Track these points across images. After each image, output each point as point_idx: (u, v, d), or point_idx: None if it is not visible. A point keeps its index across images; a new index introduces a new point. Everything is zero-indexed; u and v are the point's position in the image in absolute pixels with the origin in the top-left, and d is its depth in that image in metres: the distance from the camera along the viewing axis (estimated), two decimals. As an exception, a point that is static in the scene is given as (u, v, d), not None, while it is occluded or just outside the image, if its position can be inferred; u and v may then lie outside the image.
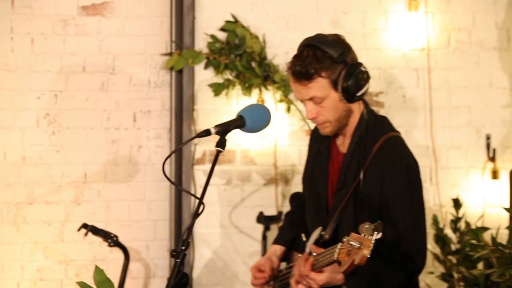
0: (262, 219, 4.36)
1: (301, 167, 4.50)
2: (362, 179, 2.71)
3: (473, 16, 4.58)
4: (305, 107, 2.76)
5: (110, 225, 4.40)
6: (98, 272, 2.07)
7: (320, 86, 2.68)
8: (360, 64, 2.72)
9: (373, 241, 2.28)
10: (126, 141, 4.46)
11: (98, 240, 4.13)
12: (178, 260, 2.30)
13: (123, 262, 4.02)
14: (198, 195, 2.36)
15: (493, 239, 2.71)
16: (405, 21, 4.52)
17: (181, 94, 4.43)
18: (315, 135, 2.97)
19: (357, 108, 2.78)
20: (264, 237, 4.32)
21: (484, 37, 4.59)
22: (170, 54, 4.42)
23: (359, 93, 2.70)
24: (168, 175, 2.62)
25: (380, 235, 2.29)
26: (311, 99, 2.71)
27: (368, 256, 2.29)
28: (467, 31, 4.58)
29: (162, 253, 4.51)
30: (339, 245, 2.43)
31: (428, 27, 4.53)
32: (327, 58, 2.67)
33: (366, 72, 2.72)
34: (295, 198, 3.20)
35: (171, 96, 4.45)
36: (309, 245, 2.77)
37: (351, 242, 2.34)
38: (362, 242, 2.30)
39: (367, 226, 2.31)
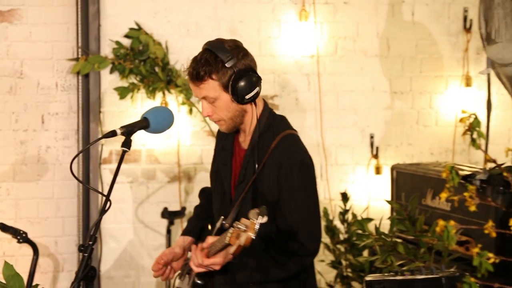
0: (167, 214, 4.34)
1: (202, 165, 4.51)
2: (259, 173, 2.75)
3: (357, 26, 4.70)
4: (202, 105, 2.80)
5: (19, 222, 4.27)
6: (8, 268, 2.02)
7: (211, 87, 2.71)
8: (251, 69, 2.74)
9: (257, 224, 2.35)
10: (35, 142, 4.35)
11: (7, 237, 3.99)
12: (86, 255, 2.27)
13: (32, 257, 3.92)
14: (105, 193, 2.34)
15: (377, 229, 2.79)
16: (297, 30, 4.59)
17: (88, 97, 4.36)
18: (220, 133, 3.01)
19: (251, 108, 2.81)
20: (169, 231, 4.30)
21: (367, 45, 4.71)
22: (77, 59, 4.33)
23: (248, 96, 2.73)
24: (76, 174, 2.57)
25: (265, 218, 2.36)
26: (204, 98, 2.75)
27: (253, 237, 2.36)
28: (352, 40, 4.69)
29: (70, 248, 4.42)
30: (230, 230, 2.47)
31: (317, 36, 4.62)
32: (218, 62, 2.69)
33: (256, 77, 2.74)
34: (203, 192, 3.22)
35: (78, 99, 4.37)
36: (212, 235, 2.79)
37: (239, 226, 2.41)
38: (248, 225, 2.37)
39: (253, 210, 2.38)
